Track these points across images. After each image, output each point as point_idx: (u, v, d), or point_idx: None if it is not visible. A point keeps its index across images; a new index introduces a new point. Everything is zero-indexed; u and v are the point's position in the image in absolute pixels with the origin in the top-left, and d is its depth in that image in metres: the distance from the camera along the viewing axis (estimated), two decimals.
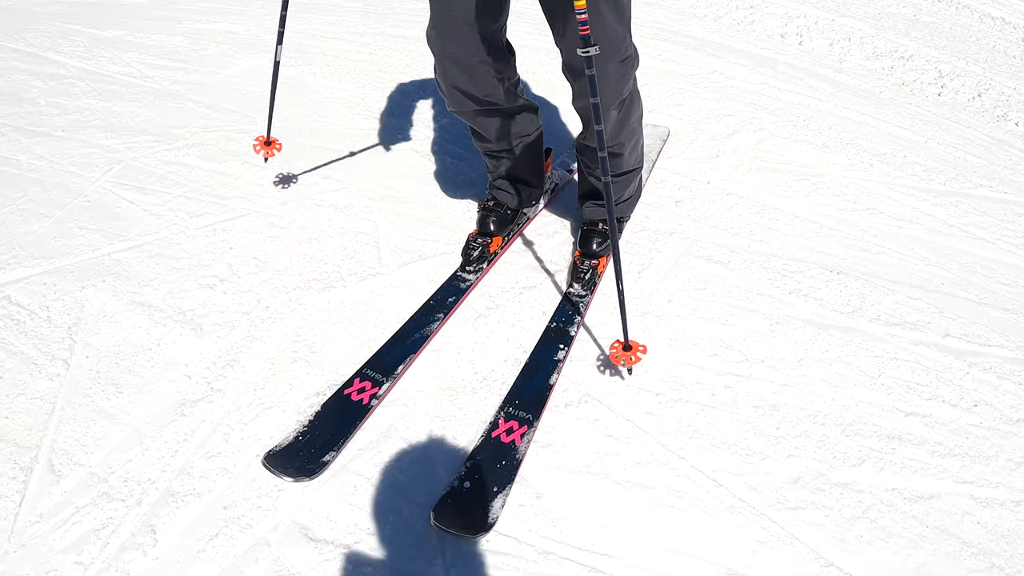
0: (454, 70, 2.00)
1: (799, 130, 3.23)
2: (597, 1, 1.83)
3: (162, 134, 3.01)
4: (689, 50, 3.79)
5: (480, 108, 2.09)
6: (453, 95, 2.06)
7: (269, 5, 4.24)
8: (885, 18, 4.79)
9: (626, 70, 2.01)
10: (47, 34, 4.02)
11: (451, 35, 1.94)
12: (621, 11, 1.91)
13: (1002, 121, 3.84)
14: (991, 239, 2.84)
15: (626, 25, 1.96)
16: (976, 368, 2.20)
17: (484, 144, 2.24)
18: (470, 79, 2.01)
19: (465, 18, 1.91)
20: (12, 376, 1.94)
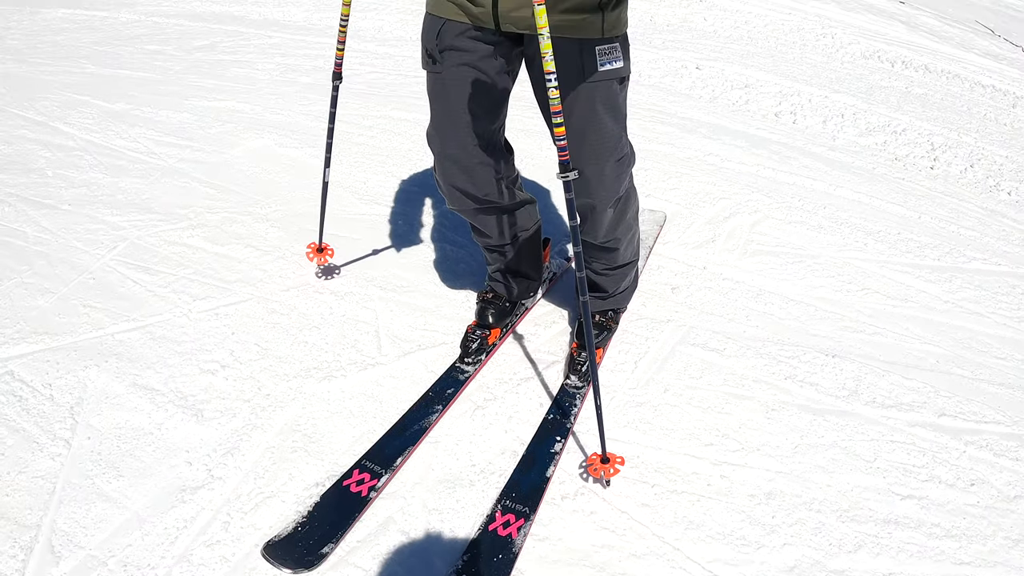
0: (453, 170, 2.08)
1: (794, 211, 3.30)
2: (594, 103, 1.92)
3: (167, 213, 3.10)
4: (686, 132, 3.90)
5: (479, 207, 2.16)
6: (452, 194, 2.13)
7: (273, 84, 4.39)
8: (877, 92, 4.91)
9: (622, 169, 2.09)
10: (57, 104, 4.18)
11: (451, 137, 2.03)
12: (617, 111, 1.99)
13: (994, 191, 3.91)
14: (986, 313, 2.88)
15: (622, 125, 2.04)
16: (972, 446, 2.22)
17: (483, 239, 2.31)
18: (469, 179, 2.08)
19: (465, 120, 1.99)
20: (14, 453, 1.98)
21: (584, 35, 1.84)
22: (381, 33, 5.31)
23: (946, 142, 4.32)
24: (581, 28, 1.83)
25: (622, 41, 1.93)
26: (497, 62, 1.96)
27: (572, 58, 1.84)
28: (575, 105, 1.92)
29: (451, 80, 1.97)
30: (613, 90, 1.94)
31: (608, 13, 1.86)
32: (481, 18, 1.87)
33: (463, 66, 1.94)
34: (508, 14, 1.83)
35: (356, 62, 4.71)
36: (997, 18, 7.64)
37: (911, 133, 4.31)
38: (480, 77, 1.95)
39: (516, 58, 2.01)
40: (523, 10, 1.81)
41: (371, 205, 3.17)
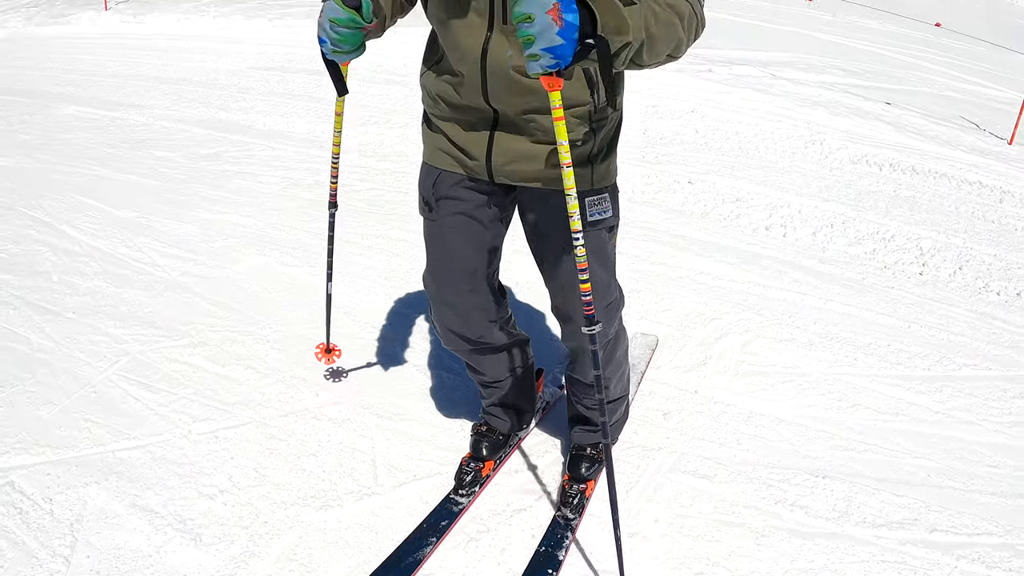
0: (449, 315, 2.20)
1: (784, 328, 3.40)
2: (585, 254, 2.05)
3: (169, 329, 3.20)
4: (678, 251, 4.04)
5: (474, 348, 2.27)
6: (448, 336, 2.25)
7: (276, 199, 4.55)
8: (866, 197, 5.08)
9: (611, 314, 2.21)
10: (64, 206, 4.36)
11: (446, 283, 2.16)
12: (606, 259, 2.12)
13: (983, 292, 4.01)
14: (977, 420, 2.96)
15: (611, 272, 2.17)
16: (964, 560, 2.27)
17: (478, 376, 2.41)
18: (464, 323, 2.20)
19: (460, 267, 2.12)
20: (13, 567, 2.03)
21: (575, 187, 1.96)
22: (382, 148, 5.51)
23: (935, 245, 4.45)
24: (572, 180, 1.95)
25: (611, 190, 2.06)
26: (491, 210, 2.09)
27: (562, 209, 1.93)
28: (564, 254, 2.04)
29: (447, 228, 2.10)
30: (602, 239, 2.07)
31: (598, 165, 1.99)
32: (476, 170, 2.01)
33: (458, 215, 2.08)
34: (502, 168, 1.97)
35: (356, 177, 4.87)
36: (981, 111, 7.87)
37: (900, 239, 4.45)
38: (475, 225, 2.09)
39: (510, 205, 2.14)
40: (515, 164, 1.95)
41: (366, 328, 3.27)
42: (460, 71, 1.89)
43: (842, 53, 9.22)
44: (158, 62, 8.01)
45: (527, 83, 1.81)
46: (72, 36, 10.08)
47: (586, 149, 1.94)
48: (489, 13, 1.78)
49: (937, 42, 10.05)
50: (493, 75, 1.84)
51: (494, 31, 1.79)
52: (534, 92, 1.82)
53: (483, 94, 1.88)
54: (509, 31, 1.77)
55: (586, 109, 1.89)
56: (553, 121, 1.66)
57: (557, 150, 1.70)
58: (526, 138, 1.93)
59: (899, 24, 9.85)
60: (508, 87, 1.85)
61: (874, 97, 7.53)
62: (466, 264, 2.12)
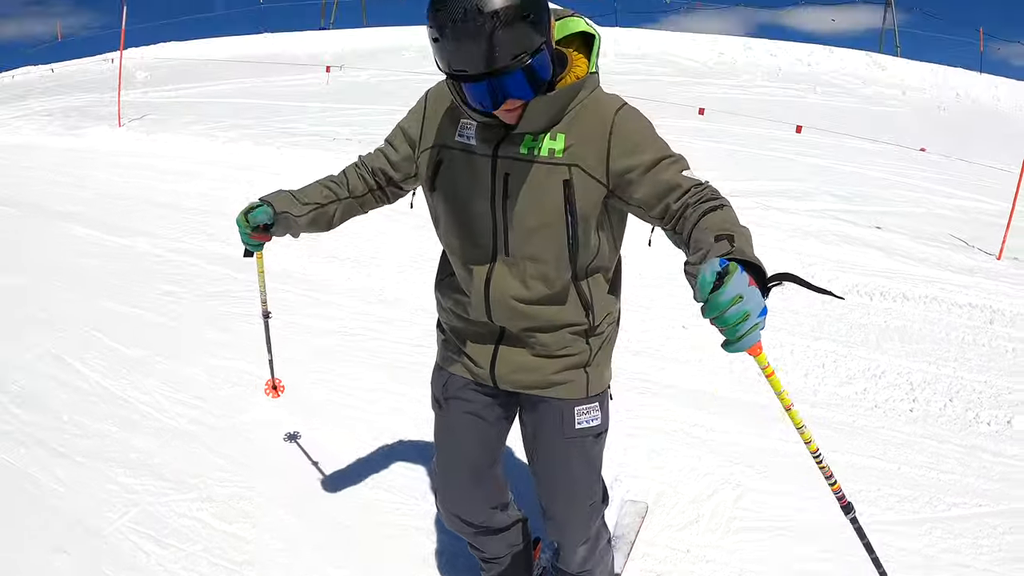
0: (455, 504, 2.37)
1: (776, 480, 3.52)
2: (569, 457, 2.23)
3: (178, 481, 3.32)
4: (673, 403, 4.21)
5: (476, 531, 2.43)
6: (452, 520, 2.42)
7: (282, 344, 4.65)
8: (857, 331, 5.26)
9: (593, 513, 2.38)
10: (74, 340, 4.56)
11: (452, 475, 2.35)
12: (591, 463, 2.29)
13: (974, 424, 4.13)
14: (967, 562, 3.05)
15: (596, 474, 2.34)
16: None
17: (479, 553, 2.56)
18: (468, 511, 2.37)
19: (466, 461, 2.31)
20: None
21: (569, 395, 2.16)
22: (383, 293, 5.72)
23: (925, 378, 4.59)
24: (567, 389, 2.16)
25: (602, 397, 2.24)
26: (497, 410, 2.29)
27: (552, 415, 2.18)
28: (550, 457, 2.25)
29: (455, 425, 2.31)
30: (587, 444, 2.24)
31: (592, 371, 2.18)
32: (481, 377, 2.21)
33: (466, 414, 2.28)
34: (505, 376, 2.17)
35: (360, 325, 5.06)
36: (970, 226, 8.10)
37: (890, 375, 4.60)
38: (481, 424, 2.28)
39: (514, 406, 2.33)
40: (517, 374, 2.15)
41: (376, 491, 3.39)
42: (467, 292, 2.11)
43: (832, 177, 9.55)
44: (168, 186, 8.41)
45: (525, 309, 2.04)
46: (84, 149, 10.64)
47: (581, 359, 2.15)
48: (492, 246, 2.02)
49: (924, 159, 10.42)
50: (496, 302, 2.06)
51: (496, 262, 2.03)
52: (533, 316, 2.06)
53: (487, 315, 2.10)
54: (511, 263, 2.01)
55: (581, 327, 2.11)
56: (766, 378, 1.65)
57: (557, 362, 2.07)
58: (527, 351, 2.14)
59: (885, 147, 10.25)
60: (510, 312, 2.06)
61: (864, 222, 7.80)
62: (471, 460, 2.32)
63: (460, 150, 2.01)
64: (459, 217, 2.05)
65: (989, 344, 5.18)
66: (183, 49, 21.29)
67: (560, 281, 2.03)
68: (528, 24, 1.68)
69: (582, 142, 1.90)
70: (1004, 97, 16.91)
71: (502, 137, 1.92)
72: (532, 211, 1.94)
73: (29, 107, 14.50)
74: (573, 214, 1.91)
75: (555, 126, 1.90)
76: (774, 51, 18.74)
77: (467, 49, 1.68)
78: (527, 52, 1.71)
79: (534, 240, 1.97)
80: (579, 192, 1.90)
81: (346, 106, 13.20)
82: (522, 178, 1.92)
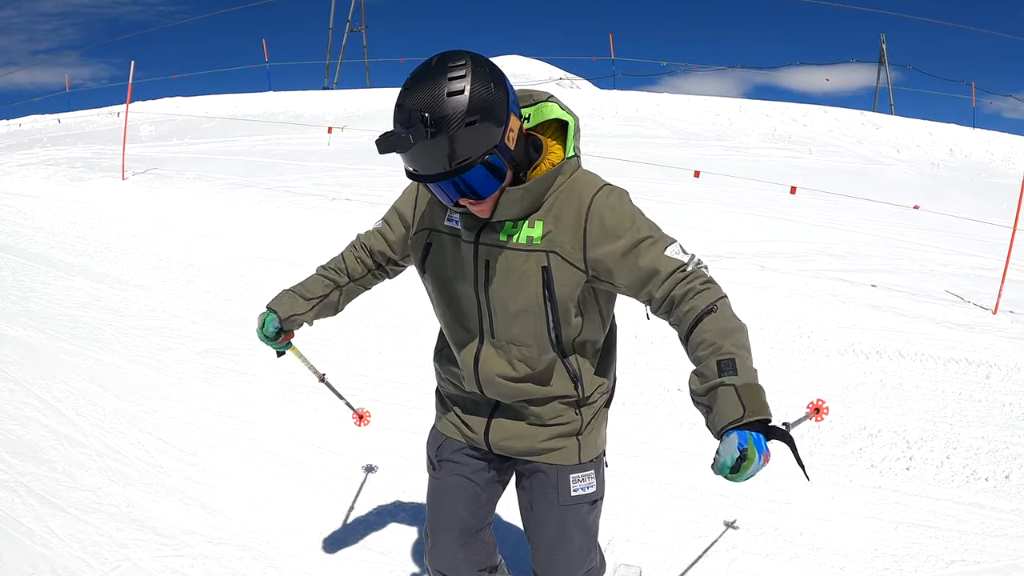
0: (443, 564, 2.38)
1: (770, 542, 3.49)
2: (565, 524, 2.25)
3: (170, 536, 3.31)
4: (667, 464, 4.19)
5: None
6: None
7: (276, 403, 4.76)
8: (853, 390, 5.26)
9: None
10: (71, 391, 4.58)
11: (442, 535, 2.36)
12: (587, 530, 2.32)
13: (971, 480, 4.12)
14: None
15: (592, 540, 2.37)
16: None
17: None
18: (456, 571, 2.38)
19: (456, 523, 2.34)
20: None
21: (562, 462, 2.19)
22: (381, 355, 5.74)
23: (922, 435, 4.59)
24: (560, 455, 2.19)
25: (597, 463, 2.26)
26: (488, 474, 2.33)
27: (547, 483, 2.21)
28: (546, 524, 2.27)
29: (447, 487, 2.34)
30: (583, 512, 2.27)
31: (585, 439, 2.20)
32: (476, 441, 2.25)
33: (458, 476, 2.31)
34: (498, 443, 2.21)
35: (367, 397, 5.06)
36: (966, 281, 8.16)
37: (886, 434, 4.59)
38: (472, 487, 2.31)
39: (506, 471, 2.37)
40: (510, 441, 2.19)
41: (369, 552, 3.39)
42: (461, 368, 2.17)
43: (827, 237, 9.64)
44: (169, 241, 8.56)
45: (514, 386, 2.10)
46: (88, 201, 10.80)
47: (572, 427, 2.18)
48: (479, 329, 2.08)
49: (919, 216, 10.52)
50: (485, 380, 2.12)
51: (484, 344, 2.09)
52: (523, 392, 2.11)
53: (479, 390, 2.16)
54: (497, 344, 2.07)
55: (572, 399, 2.16)
56: None
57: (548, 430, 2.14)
58: (522, 421, 2.18)
59: (880, 206, 10.35)
60: (500, 389, 2.12)
61: (859, 280, 7.85)
62: (461, 523, 2.34)
63: (448, 234, 2.06)
64: (447, 299, 2.12)
65: (986, 399, 5.18)
66: (188, 105, 21.69)
67: (543, 362, 2.08)
68: (473, 129, 1.73)
69: (560, 228, 1.94)
70: (996, 151, 17.13)
71: (484, 224, 1.97)
72: (512, 296, 1.99)
73: (36, 155, 14.76)
74: (552, 300, 1.96)
75: (534, 213, 1.95)
76: (769, 112, 19.03)
77: (415, 152, 1.74)
78: (473, 156, 1.75)
79: (516, 324, 2.02)
80: (558, 278, 1.95)
81: (347, 166, 13.37)
82: (502, 264, 1.97)
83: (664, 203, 3.60)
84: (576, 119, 2.02)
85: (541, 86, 5.34)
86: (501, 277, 1.97)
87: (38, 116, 23.18)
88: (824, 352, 5.96)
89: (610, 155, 10.32)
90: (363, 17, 32.26)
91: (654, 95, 20.79)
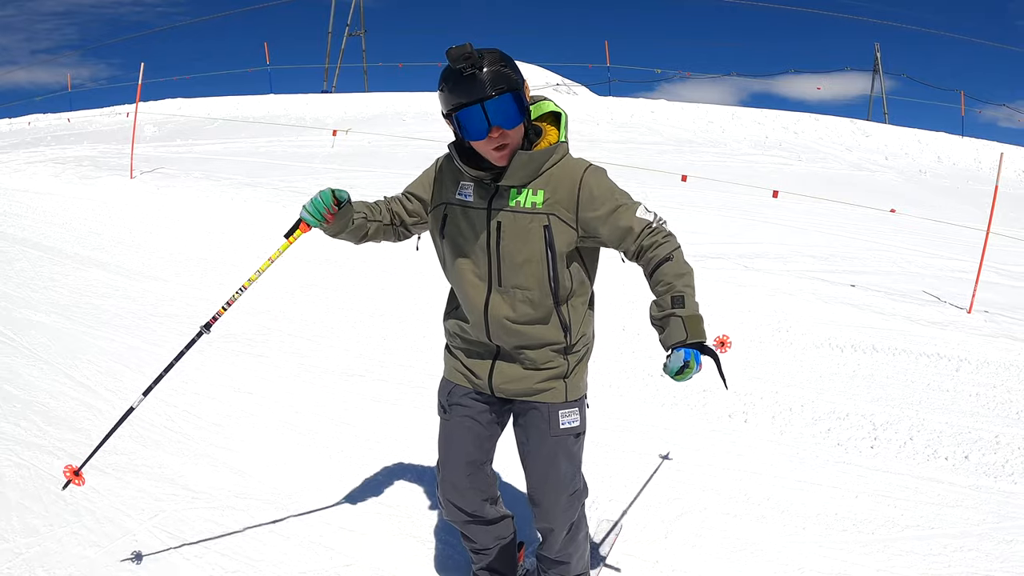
0: (453, 492, 2.80)
1: (739, 504, 3.86)
2: (555, 453, 2.70)
3: (200, 492, 3.66)
4: (647, 439, 4.53)
5: (468, 519, 2.84)
6: (449, 508, 2.84)
7: (291, 382, 5.11)
8: (826, 379, 5.62)
9: (575, 501, 2.82)
10: (98, 370, 4.89)
11: (451, 467, 2.79)
12: (572, 457, 2.76)
13: (932, 459, 4.48)
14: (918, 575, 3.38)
15: (576, 467, 2.80)
16: None
17: (470, 544, 2.95)
18: (463, 499, 2.80)
19: (464, 458, 2.77)
20: None
21: (552, 400, 2.67)
22: (386, 341, 6.06)
23: (888, 419, 4.95)
24: (550, 395, 2.67)
25: (580, 403, 2.75)
26: (491, 416, 2.79)
27: (540, 418, 2.69)
28: (539, 453, 2.72)
29: (456, 427, 2.79)
30: (569, 442, 2.73)
31: (570, 381, 2.69)
32: (480, 387, 2.73)
33: (465, 417, 2.77)
34: (499, 386, 2.69)
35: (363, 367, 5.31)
36: (943, 282, 8.51)
37: (854, 417, 4.95)
38: (477, 427, 2.77)
39: (505, 413, 2.83)
40: (509, 384, 2.67)
41: (383, 505, 3.74)
42: (470, 317, 2.64)
43: (809, 240, 9.99)
44: (180, 237, 8.90)
45: (515, 328, 2.58)
46: (98, 198, 11.06)
47: (560, 371, 2.67)
48: (488, 280, 2.56)
49: (900, 220, 10.89)
50: (493, 321, 2.59)
51: (492, 292, 2.57)
52: (522, 334, 2.59)
53: (487, 334, 2.63)
54: (503, 291, 2.55)
55: (561, 346, 2.65)
56: None
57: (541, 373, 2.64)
58: (518, 365, 2.65)
59: (863, 210, 10.73)
60: (504, 331, 2.59)
61: (839, 280, 8.22)
62: (468, 456, 2.78)
63: (459, 206, 2.60)
64: (462, 257, 2.62)
65: (954, 389, 5.53)
66: (190, 106, 22.02)
67: (542, 307, 2.58)
68: (505, 70, 2.35)
69: (557, 196, 2.50)
70: (984, 159, 17.55)
71: (493, 193, 2.52)
72: (520, 249, 2.52)
73: (43, 154, 15.05)
74: (552, 251, 2.51)
75: (534, 182, 2.51)
76: (760, 119, 19.45)
77: (463, 86, 2.33)
78: (506, 88, 2.34)
79: (521, 272, 2.54)
80: (556, 234, 2.50)
81: (350, 168, 13.70)
82: (511, 224, 2.52)
83: (656, 206, 3.88)
84: (566, 113, 2.61)
85: (539, 91, 5.69)
86: (510, 234, 2.51)
87: (39, 115, 23.53)
88: (801, 346, 6.32)
89: (605, 160, 10.53)
90: (362, 21, 32.74)
91: (649, 102, 21.22)
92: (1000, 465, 4.44)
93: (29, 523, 3.29)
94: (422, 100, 20.93)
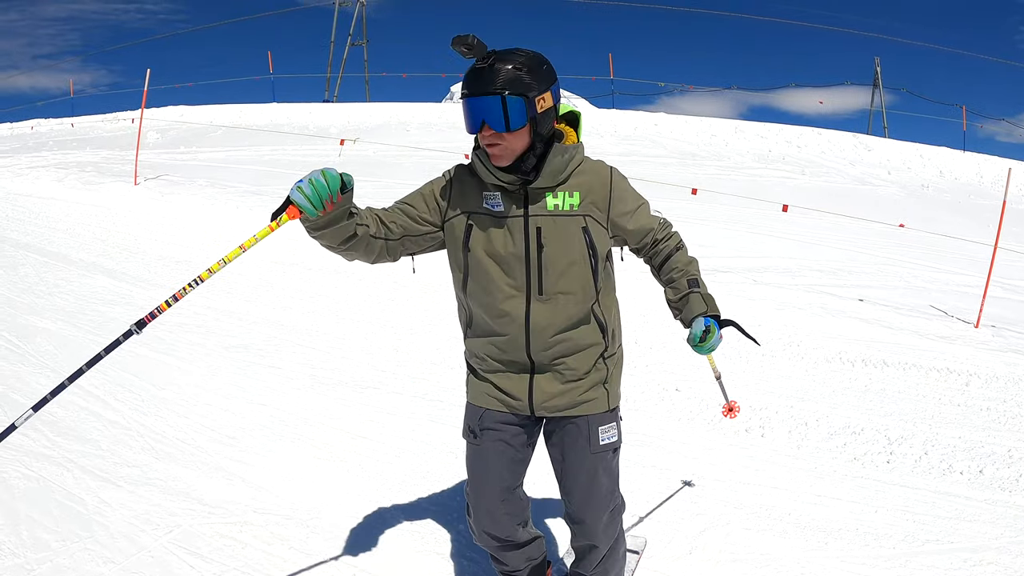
0: (486, 520, 2.72)
1: (762, 520, 3.84)
2: (596, 470, 2.65)
3: (216, 506, 3.60)
4: (666, 454, 4.54)
5: (500, 544, 2.78)
6: (482, 536, 2.76)
7: (303, 392, 5.05)
8: (839, 394, 5.62)
9: (615, 517, 2.79)
10: (107, 379, 4.80)
11: (484, 495, 2.70)
12: (611, 474, 2.72)
13: (947, 473, 4.47)
14: None
15: (615, 483, 2.76)
16: None
17: (501, 567, 2.90)
18: (495, 525, 2.72)
19: (496, 483, 2.68)
20: None
21: (594, 411, 2.62)
22: (399, 353, 5.89)
23: (902, 434, 4.94)
24: (593, 405, 2.62)
25: (616, 414, 2.71)
26: (522, 438, 2.71)
27: (579, 434, 2.63)
28: (582, 470, 2.66)
29: (488, 452, 2.69)
30: (608, 458, 2.69)
31: (610, 387, 2.66)
32: (519, 408, 2.64)
33: (498, 441, 2.67)
34: (541, 404, 2.61)
35: (374, 379, 5.24)
36: (950, 297, 8.51)
37: (869, 432, 4.94)
38: (510, 450, 2.68)
39: (537, 433, 2.76)
40: (552, 400, 2.60)
41: (406, 521, 3.69)
42: (505, 332, 2.53)
43: (817, 254, 10.00)
44: (185, 244, 8.85)
45: (559, 336, 2.53)
46: (101, 204, 11.00)
47: (600, 375, 2.63)
48: (527, 288, 2.49)
49: (906, 235, 10.91)
50: (535, 330, 2.51)
51: (532, 301, 2.50)
52: (564, 341, 2.54)
53: (526, 350, 2.54)
54: (544, 300, 2.49)
55: (600, 348, 2.61)
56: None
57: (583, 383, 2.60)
58: (558, 379, 2.58)
59: (870, 225, 10.75)
60: (546, 341, 2.52)
61: (847, 295, 8.22)
62: (501, 482, 2.69)
63: (487, 215, 2.50)
64: (493, 268, 2.52)
65: (965, 404, 5.54)
66: (193, 113, 22.02)
67: (584, 310, 2.55)
68: (518, 74, 2.30)
69: (592, 198, 2.52)
70: (986, 174, 17.60)
71: (525, 198, 2.48)
72: (564, 253, 2.48)
73: (45, 159, 15.04)
74: (593, 250, 2.51)
75: (563, 184, 2.49)
76: (763, 133, 19.51)
77: (471, 76, 2.33)
78: (510, 91, 2.29)
79: (565, 276, 2.49)
80: (594, 234, 2.51)
81: (355, 177, 13.62)
82: (552, 228, 2.47)
83: (666, 217, 3.91)
84: (581, 113, 2.67)
85: None
86: (553, 239, 2.47)
87: (41, 120, 23.56)
88: (812, 360, 6.31)
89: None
90: (364, 31, 32.82)
91: (652, 115, 21.28)
92: (1014, 479, 4.43)
93: (40, 537, 3.24)
94: (426, 111, 20.98)
